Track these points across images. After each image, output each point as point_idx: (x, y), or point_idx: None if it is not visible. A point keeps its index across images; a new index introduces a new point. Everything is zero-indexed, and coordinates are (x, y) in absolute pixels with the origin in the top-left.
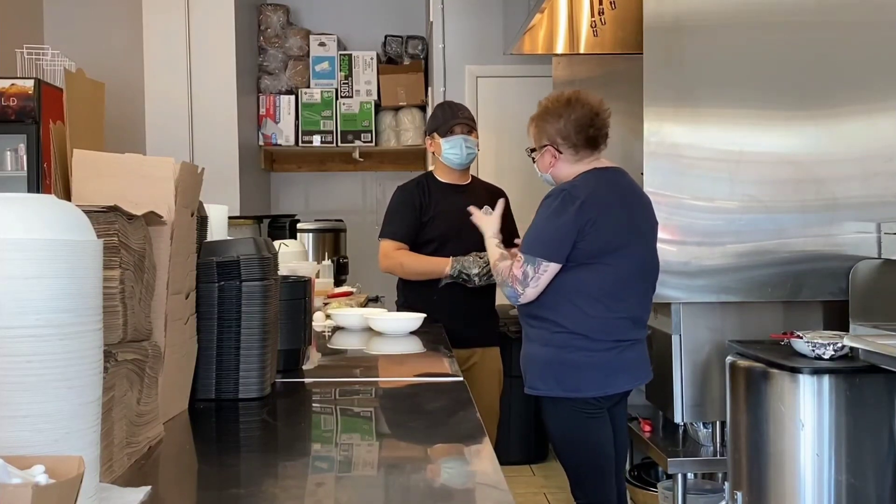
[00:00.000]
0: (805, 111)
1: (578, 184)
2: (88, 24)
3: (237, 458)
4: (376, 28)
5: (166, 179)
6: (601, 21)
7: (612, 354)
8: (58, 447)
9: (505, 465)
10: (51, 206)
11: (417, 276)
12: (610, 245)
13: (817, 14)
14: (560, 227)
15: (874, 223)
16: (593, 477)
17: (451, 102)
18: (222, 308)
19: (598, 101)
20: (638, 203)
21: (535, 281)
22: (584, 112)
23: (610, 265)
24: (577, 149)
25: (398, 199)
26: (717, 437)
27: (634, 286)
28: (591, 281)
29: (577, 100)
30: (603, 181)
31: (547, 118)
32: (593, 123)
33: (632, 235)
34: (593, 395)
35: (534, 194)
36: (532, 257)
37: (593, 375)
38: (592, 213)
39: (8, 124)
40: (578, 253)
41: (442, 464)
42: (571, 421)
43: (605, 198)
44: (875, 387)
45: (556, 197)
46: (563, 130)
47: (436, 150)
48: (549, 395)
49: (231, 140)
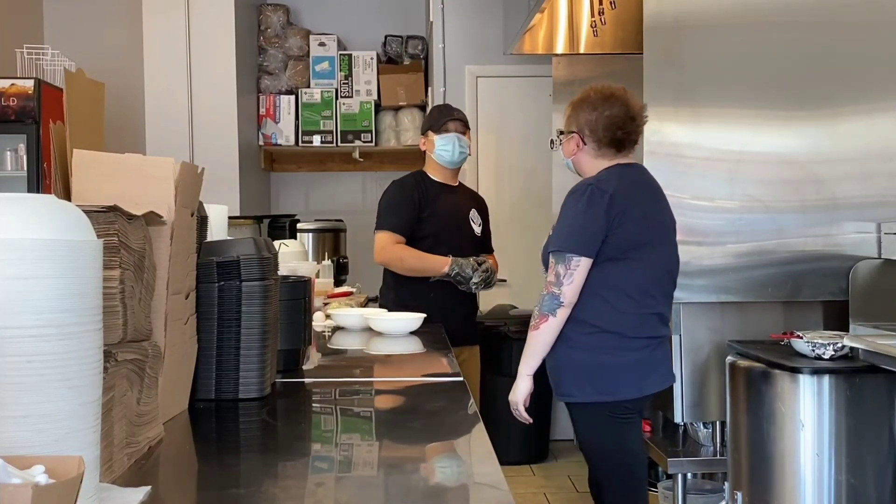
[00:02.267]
0: (805, 111)
1: (604, 178)
2: (88, 24)
3: (237, 458)
4: (376, 28)
5: (166, 179)
6: (601, 21)
7: (646, 353)
8: (58, 447)
9: (505, 465)
10: (51, 206)
11: (415, 272)
12: (638, 240)
13: (817, 14)
14: (589, 222)
15: (874, 223)
16: (629, 484)
17: (447, 104)
18: (222, 308)
19: (640, 106)
20: (661, 200)
21: (568, 278)
22: (619, 112)
23: (639, 260)
24: (599, 145)
25: (396, 192)
26: (717, 437)
27: (661, 282)
28: (621, 276)
29: (618, 98)
30: (628, 177)
31: (583, 106)
32: (624, 126)
33: (658, 231)
34: (630, 398)
35: (533, 194)
36: (562, 254)
37: (629, 377)
38: (621, 208)
39: (8, 124)
40: (607, 247)
41: (442, 464)
42: (607, 427)
43: (632, 193)
44: (875, 387)
45: (584, 192)
46: (592, 123)
47: (429, 147)
48: (585, 401)
49: (231, 140)
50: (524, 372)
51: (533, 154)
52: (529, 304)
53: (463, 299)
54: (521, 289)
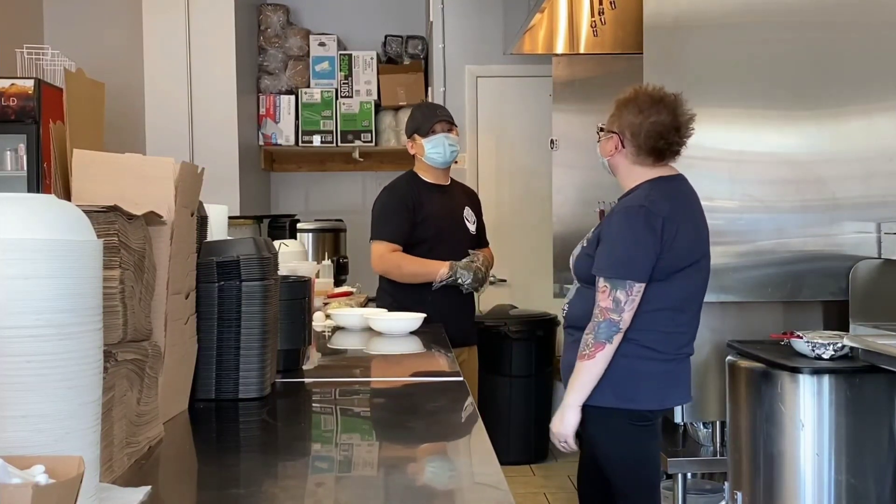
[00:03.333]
0: (805, 111)
1: (657, 199)
2: (88, 24)
3: (237, 458)
4: (376, 28)
5: (166, 179)
6: (601, 21)
7: (671, 366)
8: (58, 447)
9: (505, 465)
10: (51, 206)
11: (413, 278)
12: (685, 262)
13: (817, 14)
14: (647, 247)
15: (874, 223)
16: (643, 492)
17: (428, 103)
18: (222, 308)
19: (689, 117)
20: (702, 212)
21: (629, 305)
22: (665, 120)
23: (681, 280)
24: (639, 151)
25: (390, 200)
26: (717, 437)
27: (695, 300)
28: (658, 294)
29: (667, 105)
30: (675, 195)
31: (629, 107)
32: (667, 136)
33: (702, 249)
34: (650, 408)
35: (533, 194)
36: (622, 281)
37: (651, 386)
38: (672, 231)
39: (8, 124)
40: (654, 270)
41: (442, 464)
42: (624, 434)
43: (681, 215)
44: (875, 387)
45: (637, 214)
46: (635, 127)
47: (418, 151)
48: (602, 405)
49: (231, 140)
50: (574, 403)
51: (533, 154)
52: (529, 304)
53: (460, 301)
54: (521, 289)
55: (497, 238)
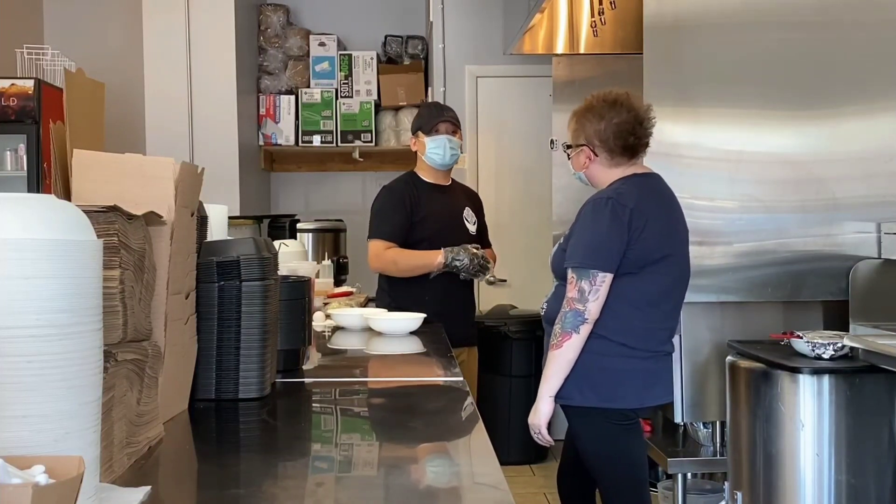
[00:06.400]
0: (805, 111)
1: (625, 191)
2: (88, 24)
3: (237, 458)
4: (376, 28)
5: (166, 179)
6: (601, 21)
7: (650, 363)
8: (58, 447)
9: (505, 465)
10: (51, 206)
11: (411, 271)
12: (655, 254)
13: (817, 14)
14: (612, 237)
15: (874, 223)
16: (631, 491)
17: (436, 103)
18: (222, 308)
19: (645, 108)
20: (677, 211)
21: (593, 294)
22: (627, 118)
23: (652, 274)
24: (612, 154)
25: (388, 198)
26: (717, 437)
27: (672, 296)
28: (632, 289)
29: (623, 103)
30: (646, 189)
31: (588, 116)
32: (634, 132)
33: (675, 245)
34: (630, 407)
35: (533, 194)
36: (586, 270)
37: (632, 384)
38: (640, 223)
39: (8, 124)
40: (624, 262)
41: (442, 464)
42: (607, 433)
43: (651, 207)
44: (875, 387)
45: (604, 206)
46: (601, 133)
47: (420, 149)
48: (584, 405)
49: (231, 140)
50: (546, 393)
51: (533, 154)
52: (529, 304)
53: (460, 301)
54: (521, 289)
55: (497, 238)
